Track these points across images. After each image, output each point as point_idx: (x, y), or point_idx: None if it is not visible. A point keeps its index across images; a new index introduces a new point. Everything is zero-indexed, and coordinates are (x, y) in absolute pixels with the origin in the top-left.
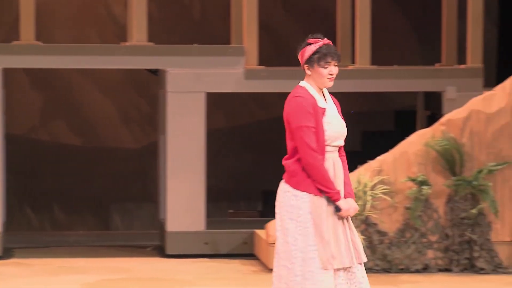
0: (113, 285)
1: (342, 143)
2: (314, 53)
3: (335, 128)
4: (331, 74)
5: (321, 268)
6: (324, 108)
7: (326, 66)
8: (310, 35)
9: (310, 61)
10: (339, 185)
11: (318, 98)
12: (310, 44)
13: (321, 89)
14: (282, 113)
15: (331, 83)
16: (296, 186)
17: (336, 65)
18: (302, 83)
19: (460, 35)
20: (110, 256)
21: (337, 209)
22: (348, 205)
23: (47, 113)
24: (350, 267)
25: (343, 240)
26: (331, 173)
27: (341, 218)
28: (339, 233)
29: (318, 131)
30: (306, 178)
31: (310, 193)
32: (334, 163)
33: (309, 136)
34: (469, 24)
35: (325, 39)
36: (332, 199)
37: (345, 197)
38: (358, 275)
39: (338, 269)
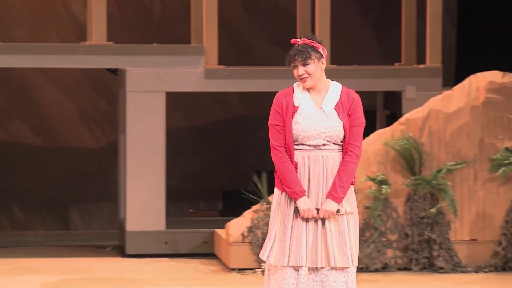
0: (73, 285)
1: (321, 142)
2: (287, 56)
3: (302, 127)
4: (299, 76)
5: (273, 261)
6: (297, 107)
7: (293, 67)
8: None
9: (287, 64)
10: (313, 185)
11: (300, 97)
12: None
13: (314, 88)
14: (242, 112)
15: (305, 84)
16: (275, 182)
17: (306, 64)
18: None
19: (419, 35)
20: (69, 256)
21: (296, 210)
22: (306, 206)
23: (5, 113)
24: (321, 268)
25: (308, 240)
26: (301, 172)
27: (310, 218)
28: (302, 232)
29: (286, 129)
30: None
31: (279, 190)
32: (310, 162)
33: (274, 134)
34: (428, 24)
35: (302, 39)
36: (294, 199)
37: (327, 197)
38: (330, 278)
39: (300, 267)
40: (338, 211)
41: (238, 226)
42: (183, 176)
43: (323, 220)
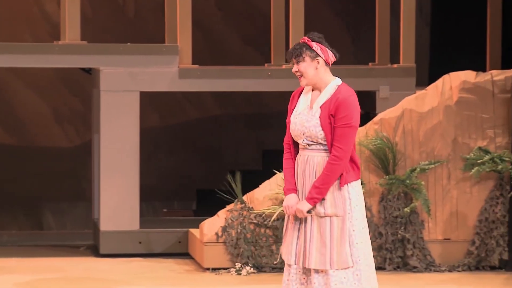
0: (46, 285)
1: (304, 141)
2: None
3: (292, 126)
4: (294, 72)
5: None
6: (296, 105)
7: (293, 65)
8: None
9: None
10: (299, 184)
11: (304, 94)
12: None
13: (315, 86)
14: (216, 112)
15: (301, 82)
16: None
17: (298, 62)
18: None
19: (393, 35)
20: (43, 255)
21: None
22: (285, 203)
23: None
24: (309, 269)
25: (295, 238)
26: (297, 170)
27: (302, 218)
28: (294, 231)
29: (289, 126)
30: None
31: None
32: (303, 162)
33: (286, 131)
34: (402, 23)
35: (304, 37)
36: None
37: (306, 198)
38: (313, 279)
39: (292, 265)
40: (309, 211)
41: (212, 225)
42: (157, 176)
43: (307, 221)
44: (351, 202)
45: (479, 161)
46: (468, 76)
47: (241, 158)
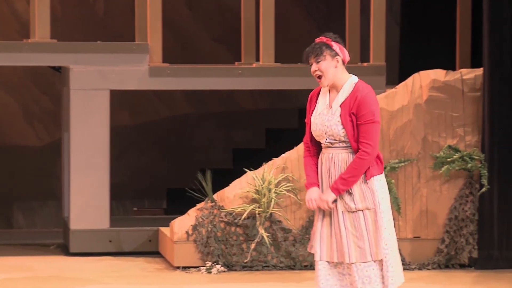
0: (16, 284)
1: (327, 141)
2: None
3: (313, 127)
4: (313, 72)
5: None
6: (315, 106)
7: (310, 65)
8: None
9: None
10: (322, 183)
11: (323, 94)
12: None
13: (333, 86)
14: (186, 110)
15: (321, 83)
16: None
17: (318, 62)
18: None
19: (363, 34)
20: (13, 254)
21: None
22: (308, 196)
23: None
24: (340, 263)
25: (324, 234)
26: (322, 168)
27: (332, 215)
28: (319, 225)
29: (308, 127)
30: None
31: None
32: (327, 160)
33: (306, 131)
34: (372, 22)
35: (321, 37)
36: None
37: (331, 188)
38: (352, 273)
39: (327, 261)
40: (334, 201)
41: (182, 224)
42: (127, 174)
43: (338, 217)
44: (378, 194)
45: (448, 160)
46: (438, 74)
47: (211, 157)
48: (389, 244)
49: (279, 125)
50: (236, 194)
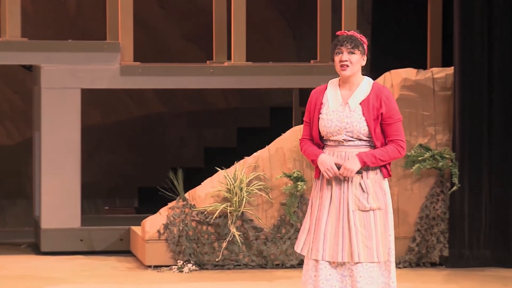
0: None
1: (342, 137)
2: (332, 43)
3: (325, 122)
4: (341, 61)
5: (305, 253)
6: (322, 103)
7: (337, 53)
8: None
9: (330, 54)
10: (336, 181)
11: (330, 93)
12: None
13: (347, 82)
14: (158, 109)
15: (344, 72)
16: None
17: (352, 53)
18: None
19: (334, 33)
20: None
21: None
22: (324, 166)
23: None
24: (347, 263)
25: (328, 233)
26: None
27: (341, 214)
28: (322, 225)
29: (312, 125)
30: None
31: (315, 178)
32: (340, 158)
33: (303, 129)
34: (343, 21)
35: (352, 31)
36: (313, 162)
37: (358, 157)
38: (355, 273)
39: (326, 261)
40: (359, 172)
41: (154, 223)
42: (98, 173)
43: (347, 215)
44: (388, 195)
45: (420, 158)
46: (409, 73)
47: (183, 156)
48: (392, 246)
49: (250, 124)
50: (207, 193)
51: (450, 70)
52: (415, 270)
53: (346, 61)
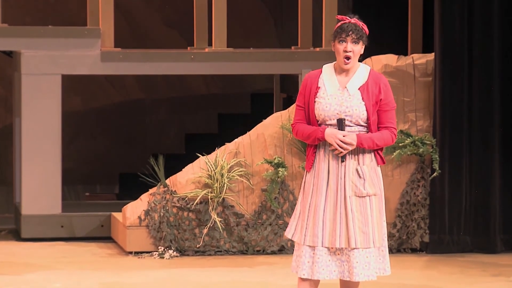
0: None
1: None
2: (335, 29)
3: (323, 106)
4: (346, 51)
5: (296, 239)
6: (319, 87)
7: (340, 41)
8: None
9: (332, 37)
10: (332, 166)
11: (326, 77)
12: (338, 21)
13: (344, 69)
14: (139, 95)
15: (346, 66)
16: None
17: (356, 43)
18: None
19: (315, 19)
20: None
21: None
22: (335, 138)
23: None
24: (344, 248)
25: (327, 219)
26: (320, 153)
27: (338, 200)
28: (320, 211)
29: (309, 109)
30: (307, 155)
31: (305, 170)
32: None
33: (296, 114)
34: (324, 7)
35: (355, 18)
36: (320, 139)
37: (358, 137)
38: (352, 259)
39: (317, 247)
40: (342, 159)
41: (135, 209)
42: (79, 159)
43: (344, 201)
44: (381, 181)
45: (400, 145)
46: (389, 59)
47: (164, 142)
48: (385, 230)
49: (231, 110)
50: (188, 179)
51: (430, 56)
52: (395, 256)
53: (350, 52)
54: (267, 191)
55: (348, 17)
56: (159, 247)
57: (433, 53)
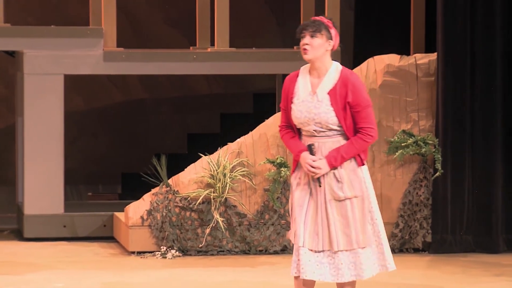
0: None
1: (312, 128)
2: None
3: (295, 114)
4: (303, 45)
5: (290, 237)
6: (294, 93)
7: (301, 37)
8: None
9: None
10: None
11: (300, 81)
12: None
13: (315, 68)
14: (141, 95)
15: (305, 56)
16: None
17: (313, 36)
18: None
19: None
20: None
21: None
22: (303, 161)
23: None
24: (327, 250)
25: (308, 221)
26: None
27: (318, 203)
28: (302, 214)
29: (288, 113)
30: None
31: (290, 173)
32: (314, 148)
33: (281, 116)
34: (326, 6)
35: (321, 17)
36: (297, 161)
37: (327, 161)
38: (336, 260)
39: (301, 247)
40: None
41: (137, 209)
42: (81, 159)
43: (325, 205)
44: (365, 180)
45: (403, 144)
46: (392, 59)
47: (166, 142)
48: (381, 230)
49: (233, 110)
50: (191, 179)
51: (433, 56)
52: (398, 255)
53: (307, 44)
54: (269, 191)
55: (318, 17)
56: (162, 247)
57: (435, 53)
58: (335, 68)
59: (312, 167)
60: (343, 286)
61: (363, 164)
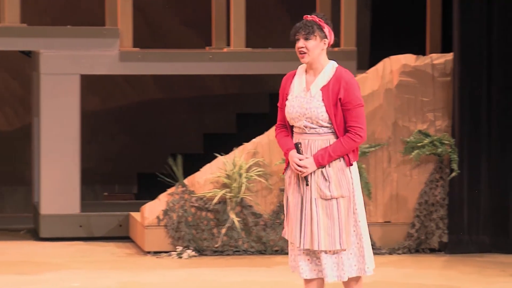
0: None
1: (303, 123)
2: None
3: (288, 109)
4: (298, 48)
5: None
6: (290, 89)
7: (296, 41)
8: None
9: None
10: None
11: (296, 78)
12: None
13: (311, 68)
14: (157, 95)
15: (303, 60)
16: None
17: (307, 39)
18: None
19: (334, 18)
20: None
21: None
22: (290, 158)
23: None
24: (313, 251)
25: (292, 220)
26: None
27: (304, 201)
28: (291, 211)
29: (283, 111)
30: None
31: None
32: (304, 146)
33: (278, 114)
34: (342, 7)
35: (312, 15)
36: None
37: (315, 160)
38: (321, 260)
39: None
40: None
41: (153, 209)
42: (98, 159)
43: (310, 203)
44: (353, 181)
45: (419, 144)
46: (408, 59)
47: (182, 142)
48: (364, 232)
49: (249, 110)
50: (206, 179)
51: (449, 56)
52: (414, 256)
53: (303, 47)
54: (285, 191)
55: (310, 16)
56: (177, 247)
57: (451, 53)
58: (331, 66)
59: (299, 165)
60: (349, 282)
61: (351, 165)
